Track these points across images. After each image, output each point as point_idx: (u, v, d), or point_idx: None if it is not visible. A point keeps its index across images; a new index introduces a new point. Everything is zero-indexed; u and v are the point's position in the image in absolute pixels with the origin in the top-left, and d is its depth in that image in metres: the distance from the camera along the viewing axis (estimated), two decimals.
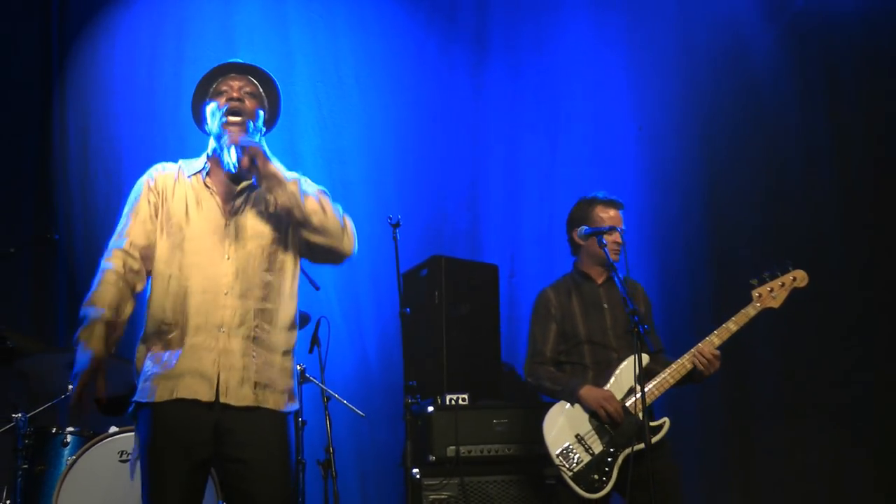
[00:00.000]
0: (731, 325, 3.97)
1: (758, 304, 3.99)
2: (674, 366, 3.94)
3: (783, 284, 4.01)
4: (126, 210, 3.03)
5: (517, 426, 4.53)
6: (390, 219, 4.30)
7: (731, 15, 6.22)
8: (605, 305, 4.12)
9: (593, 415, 3.90)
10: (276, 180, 2.91)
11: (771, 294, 4.00)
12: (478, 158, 5.97)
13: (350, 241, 3.00)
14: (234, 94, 3.02)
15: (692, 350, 3.94)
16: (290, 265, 3.02)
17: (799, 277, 4.04)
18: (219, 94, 3.04)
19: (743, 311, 3.99)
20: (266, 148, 2.95)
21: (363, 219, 5.46)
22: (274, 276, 2.97)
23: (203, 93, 3.09)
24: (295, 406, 3.01)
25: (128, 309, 2.93)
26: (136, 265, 2.95)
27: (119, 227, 3.00)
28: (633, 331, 3.67)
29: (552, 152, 6.03)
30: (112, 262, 2.92)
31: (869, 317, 5.93)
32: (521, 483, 4.40)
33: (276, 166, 2.94)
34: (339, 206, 3.03)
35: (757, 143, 6.15)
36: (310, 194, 2.95)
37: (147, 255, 2.97)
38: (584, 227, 4.09)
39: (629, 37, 6.17)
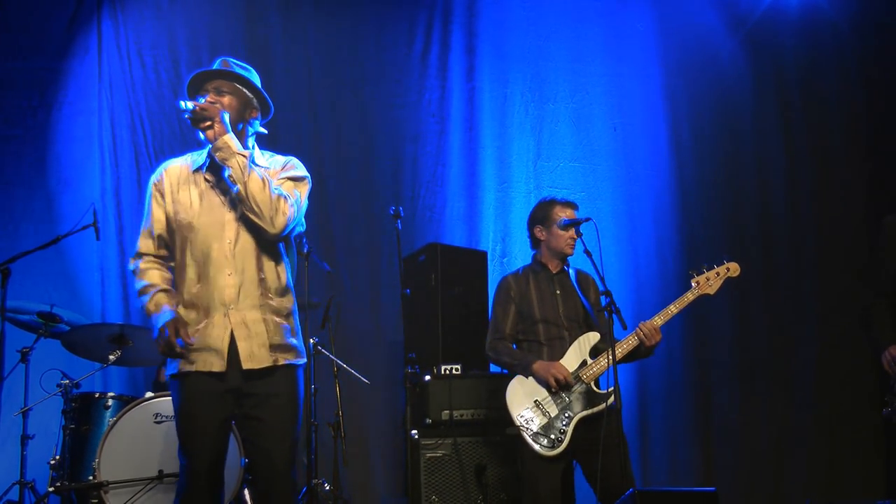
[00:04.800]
0: (672, 308, 4.05)
1: (696, 291, 4.07)
2: (619, 343, 4.01)
3: (718, 274, 4.09)
4: (145, 207, 3.16)
5: (503, 392, 4.44)
6: (391, 211, 4.48)
7: (699, 28, 6.31)
8: (558, 292, 4.20)
9: (546, 385, 4.00)
10: (228, 150, 2.96)
11: (708, 282, 4.08)
12: (473, 155, 6.00)
13: (279, 223, 2.98)
14: (211, 94, 3.10)
15: (636, 328, 4.03)
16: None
17: (732, 269, 4.11)
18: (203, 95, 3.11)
19: (683, 296, 4.07)
20: (227, 122, 3.00)
21: (379, 212, 5.60)
22: (267, 248, 3.07)
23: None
24: (303, 360, 3.13)
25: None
26: (161, 252, 3.12)
27: (142, 225, 3.15)
28: (605, 308, 3.82)
29: (537, 150, 6.11)
30: (144, 257, 3.11)
31: (812, 295, 6.11)
32: (507, 443, 4.40)
33: (232, 139, 2.99)
34: (293, 192, 3.04)
35: (718, 142, 6.28)
36: (255, 171, 2.98)
37: (165, 244, 3.12)
38: (563, 219, 4.17)
39: (605, 48, 6.22)
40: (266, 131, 3.24)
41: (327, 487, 4.66)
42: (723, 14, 6.37)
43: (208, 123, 2.98)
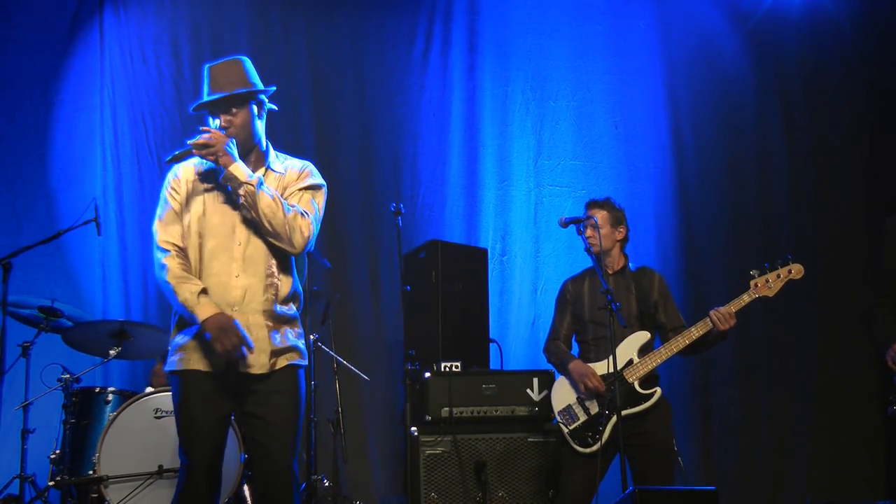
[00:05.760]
0: (730, 309, 4.00)
1: (753, 293, 4.00)
2: (676, 339, 4.04)
3: (780, 276, 3.99)
4: (161, 198, 3.16)
5: (503, 390, 4.61)
6: (392, 208, 4.51)
7: (701, 25, 6.32)
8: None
9: (577, 389, 4.08)
10: (236, 181, 2.99)
11: (767, 284, 3.98)
12: (473, 154, 6.01)
13: (298, 241, 3.05)
14: (223, 118, 3.12)
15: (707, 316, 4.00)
16: None
17: (795, 271, 3.99)
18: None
19: (738, 297, 3.99)
20: (233, 149, 3.02)
21: (379, 209, 5.62)
22: (276, 254, 3.09)
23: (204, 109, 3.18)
24: (304, 361, 3.15)
25: None
26: (181, 243, 3.09)
27: (159, 213, 3.13)
28: (605, 307, 3.84)
29: (538, 148, 6.12)
30: (168, 253, 3.06)
31: (813, 296, 6.08)
32: (506, 440, 4.49)
33: (239, 168, 3.00)
34: (311, 203, 3.10)
35: (720, 140, 6.28)
36: (264, 194, 3.01)
37: (182, 234, 3.10)
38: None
39: (606, 46, 6.22)
40: (276, 107, 3.27)
41: (326, 484, 4.69)
42: (725, 12, 6.38)
43: (213, 158, 3.01)
